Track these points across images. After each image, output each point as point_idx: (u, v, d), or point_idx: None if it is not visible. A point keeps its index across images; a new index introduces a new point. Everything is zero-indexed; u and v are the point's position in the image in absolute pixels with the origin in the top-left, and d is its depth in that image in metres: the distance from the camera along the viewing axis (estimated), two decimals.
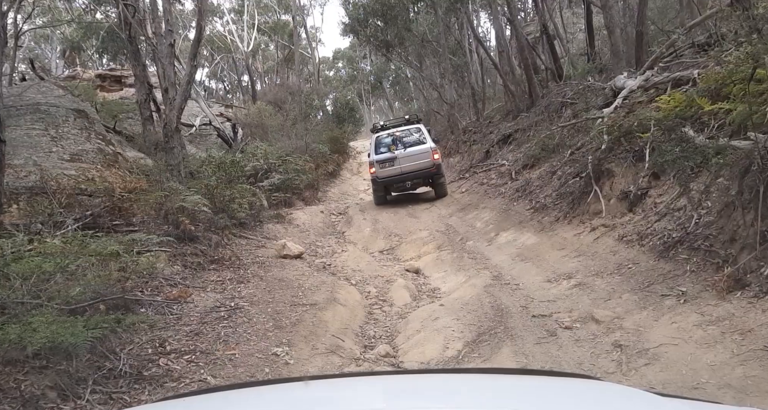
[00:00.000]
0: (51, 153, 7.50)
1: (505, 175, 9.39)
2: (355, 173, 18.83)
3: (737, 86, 4.07)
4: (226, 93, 38.65)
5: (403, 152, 10.17)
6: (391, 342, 4.18)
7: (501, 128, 13.23)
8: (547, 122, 11.01)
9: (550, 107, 11.56)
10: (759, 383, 2.43)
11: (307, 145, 15.96)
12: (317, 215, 9.71)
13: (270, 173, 11.29)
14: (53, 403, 2.63)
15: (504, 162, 10.06)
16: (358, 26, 16.46)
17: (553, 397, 1.08)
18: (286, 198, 10.96)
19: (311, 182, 12.27)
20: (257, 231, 7.36)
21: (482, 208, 8.55)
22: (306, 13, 31.19)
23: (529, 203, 7.52)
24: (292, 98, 22.23)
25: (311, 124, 17.41)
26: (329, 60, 43.53)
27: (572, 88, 10.92)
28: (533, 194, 7.73)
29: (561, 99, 10.93)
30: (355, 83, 38.54)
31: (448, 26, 17.45)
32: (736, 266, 3.39)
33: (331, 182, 15.83)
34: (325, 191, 14.29)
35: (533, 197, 7.68)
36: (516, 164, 9.52)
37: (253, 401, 1.18)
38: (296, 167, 11.87)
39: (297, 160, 12.25)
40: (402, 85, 34.21)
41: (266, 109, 22.01)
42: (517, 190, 8.31)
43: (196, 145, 19.32)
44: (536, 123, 11.33)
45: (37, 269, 3.17)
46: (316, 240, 7.99)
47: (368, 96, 41.61)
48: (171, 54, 10.01)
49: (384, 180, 10.28)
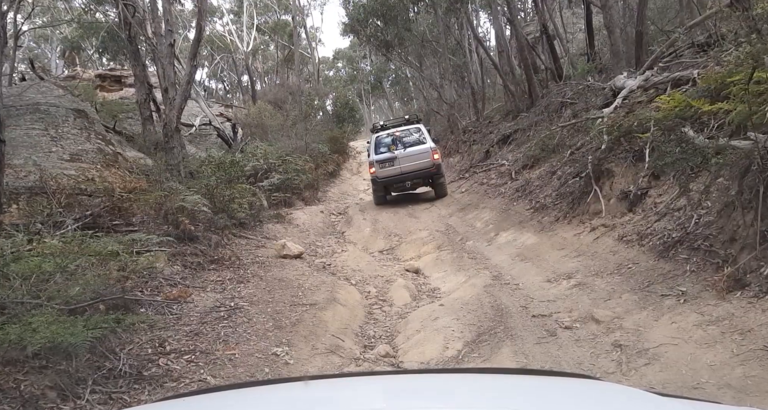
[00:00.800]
0: (51, 153, 7.50)
1: (505, 175, 9.39)
2: (355, 172, 18.83)
3: (737, 86, 4.07)
4: (226, 93, 38.65)
5: (403, 152, 10.18)
6: (390, 341, 4.18)
7: (501, 128, 13.23)
8: (546, 122, 11.01)
9: (550, 107, 11.56)
10: (759, 383, 2.43)
11: (307, 145, 15.97)
12: (317, 215, 9.72)
13: (270, 173, 11.30)
14: (53, 403, 2.63)
15: (504, 162, 10.06)
16: (358, 26, 16.47)
17: (553, 397, 1.08)
18: (285, 198, 10.97)
19: (311, 182, 12.28)
20: (257, 231, 7.36)
21: (482, 208, 8.55)
22: (306, 14, 31.21)
23: (529, 203, 7.52)
24: (293, 98, 22.26)
25: (311, 124, 17.40)
26: (329, 60, 43.56)
27: (572, 89, 10.92)
28: (533, 194, 7.74)
29: (561, 99, 10.94)
30: (355, 83, 38.55)
31: (447, 26, 17.46)
32: (736, 266, 3.39)
33: (331, 181, 15.84)
34: (325, 190, 14.30)
35: (533, 197, 7.68)
36: (516, 164, 9.52)
37: (252, 401, 1.18)
38: (296, 167, 11.87)
39: (297, 160, 12.26)
40: (402, 85, 34.22)
41: (266, 109, 22.03)
42: (516, 190, 8.31)
43: (196, 145, 19.31)
44: (536, 123, 11.33)
45: (36, 269, 3.17)
46: (315, 240, 7.99)
47: (368, 96, 41.63)
48: (171, 54, 10.01)
49: (384, 180, 10.28)
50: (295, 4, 27.77)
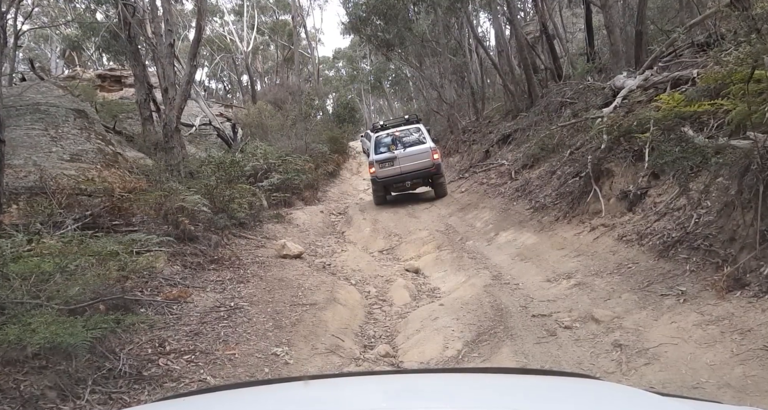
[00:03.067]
0: (51, 153, 7.49)
1: (505, 175, 9.39)
2: (354, 172, 18.83)
3: (736, 86, 4.07)
4: (226, 93, 38.66)
5: (403, 151, 10.19)
6: (390, 341, 4.18)
7: (500, 128, 13.23)
8: (546, 121, 11.01)
9: (550, 107, 11.56)
10: (759, 382, 2.43)
11: (307, 145, 15.98)
12: (317, 215, 9.72)
13: (270, 172, 11.30)
14: (53, 403, 2.63)
15: (503, 162, 10.07)
16: (359, 24, 16.46)
17: (553, 397, 1.08)
18: (285, 198, 10.97)
19: (311, 182, 12.28)
20: (257, 231, 7.36)
21: (482, 208, 8.55)
22: (306, 14, 31.19)
23: (528, 203, 7.52)
24: (293, 98, 22.26)
25: (311, 124, 17.41)
26: (329, 60, 43.56)
27: (572, 88, 10.93)
28: (533, 194, 7.74)
29: (560, 99, 10.94)
30: (355, 83, 38.56)
31: (447, 26, 17.47)
32: (735, 265, 3.39)
33: (330, 181, 15.84)
34: (324, 191, 14.30)
35: (533, 196, 7.69)
36: (515, 163, 9.52)
37: (252, 401, 1.18)
38: (296, 167, 11.88)
39: (296, 160, 12.26)
40: (402, 85, 34.22)
41: (266, 109, 22.03)
42: (516, 190, 8.32)
43: (196, 145, 19.32)
44: (536, 123, 11.33)
45: (36, 270, 3.17)
46: (315, 240, 7.99)
47: (368, 96, 41.62)
48: (170, 54, 10.01)
49: (384, 180, 10.30)
50: (294, 4, 27.78)
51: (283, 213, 9.16)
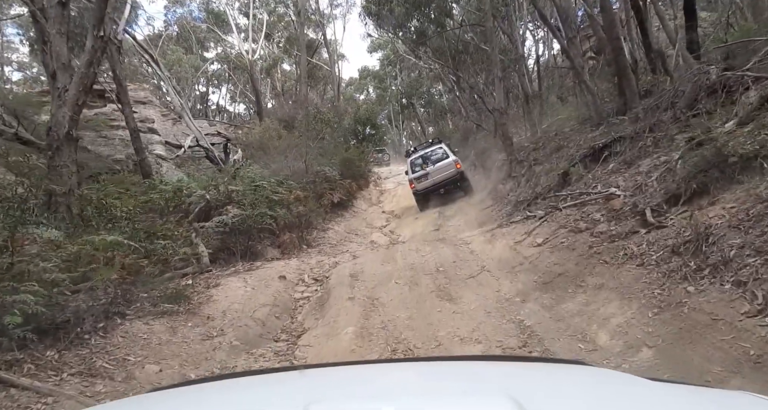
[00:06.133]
0: None
1: (627, 215, 4.99)
2: (374, 203, 14.75)
3: None
4: (250, 117, 36.15)
5: (433, 167, 12.51)
6: None
7: (582, 140, 8.93)
8: (671, 122, 6.74)
9: (662, 104, 7.31)
10: None
11: (308, 167, 12.05)
12: (269, 285, 5.40)
13: (227, 206, 7.32)
14: None
15: (614, 190, 5.70)
16: (378, 9, 12.65)
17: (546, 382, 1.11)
18: (247, 246, 6.93)
19: (296, 221, 8.18)
20: (83, 348, 3.22)
21: (597, 288, 4.15)
22: (326, 23, 27.97)
23: (735, 288, 3.14)
24: (303, 113, 18.61)
25: (313, 141, 13.51)
26: (356, 81, 40.46)
27: (718, 70, 6.57)
28: (729, 264, 3.36)
29: (697, 84, 6.59)
30: (384, 104, 35.06)
31: (494, 15, 13.45)
32: None
33: (337, 216, 11.78)
34: (325, 229, 10.22)
35: (730, 268, 3.32)
36: (643, 194, 5.16)
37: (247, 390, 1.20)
38: (273, 196, 7.88)
39: (275, 187, 8.27)
40: (435, 104, 30.32)
41: (271, 127, 18.55)
42: (673, 249, 3.93)
43: (187, 168, 16.11)
44: (649, 128, 7.04)
45: None
46: (218, 368, 3.73)
47: (398, 117, 37.85)
48: (62, 17, 6.34)
49: (422, 191, 12.63)
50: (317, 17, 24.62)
51: (196, 285, 5.04)
